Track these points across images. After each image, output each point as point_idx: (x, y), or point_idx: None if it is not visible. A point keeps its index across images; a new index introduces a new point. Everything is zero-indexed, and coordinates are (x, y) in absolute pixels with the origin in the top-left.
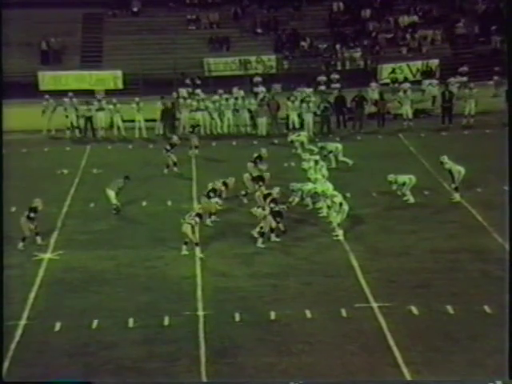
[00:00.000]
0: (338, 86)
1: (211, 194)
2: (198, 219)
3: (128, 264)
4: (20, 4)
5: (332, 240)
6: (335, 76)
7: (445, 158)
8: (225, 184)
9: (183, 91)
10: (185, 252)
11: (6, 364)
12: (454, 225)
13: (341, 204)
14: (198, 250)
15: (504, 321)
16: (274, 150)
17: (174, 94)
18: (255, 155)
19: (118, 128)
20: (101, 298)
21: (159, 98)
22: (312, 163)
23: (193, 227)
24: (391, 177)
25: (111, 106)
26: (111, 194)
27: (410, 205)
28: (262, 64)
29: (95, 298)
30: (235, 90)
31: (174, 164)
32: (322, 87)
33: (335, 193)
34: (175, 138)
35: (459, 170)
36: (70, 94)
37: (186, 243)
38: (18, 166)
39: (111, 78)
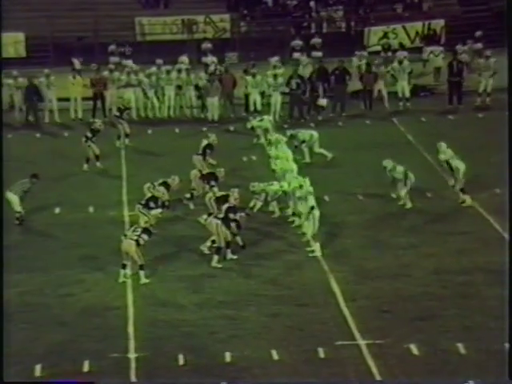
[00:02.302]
0: (320, 54)
1: (151, 204)
2: (146, 237)
3: (36, 292)
4: None
5: (306, 257)
6: (317, 40)
7: (442, 146)
8: (166, 185)
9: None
10: (123, 279)
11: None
12: (465, 237)
13: (312, 208)
14: (142, 274)
15: None
16: (230, 140)
17: (94, 65)
18: (203, 144)
19: (21, 109)
20: None
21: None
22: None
23: (138, 245)
24: (387, 162)
25: (10, 81)
26: (14, 198)
27: (408, 211)
28: (213, 26)
29: None
30: (183, 58)
31: (97, 157)
32: (298, 55)
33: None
34: (98, 123)
35: (457, 165)
36: None
37: (124, 266)
38: None
39: (10, 42)
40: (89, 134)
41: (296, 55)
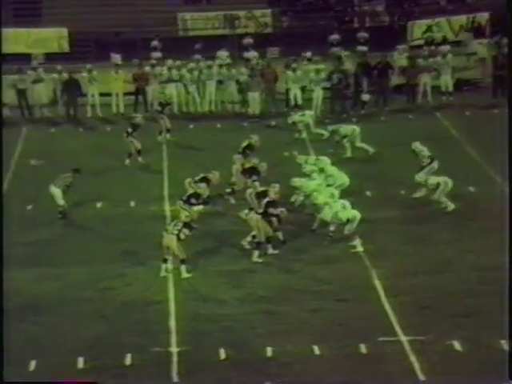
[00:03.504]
0: (365, 48)
1: (193, 200)
2: (187, 231)
3: (77, 285)
4: None
5: (347, 252)
6: (363, 35)
7: (417, 146)
8: (206, 180)
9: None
10: (164, 273)
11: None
12: (507, 233)
13: (348, 220)
14: (183, 268)
15: None
16: (271, 135)
17: (136, 60)
18: (244, 144)
19: (66, 104)
20: (41, 330)
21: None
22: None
23: (179, 240)
24: (420, 177)
25: (55, 75)
26: (57, 192)
27: None
28: (254, 20)
29: (33, 330)
30: (221, 52)
31: (138, 152)
32: (336, 49)
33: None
34: (139, 118)
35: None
36: None
37: (165, 261)
38: None
39: (54, 37)
40: (130, 129)
41: (334, 50)
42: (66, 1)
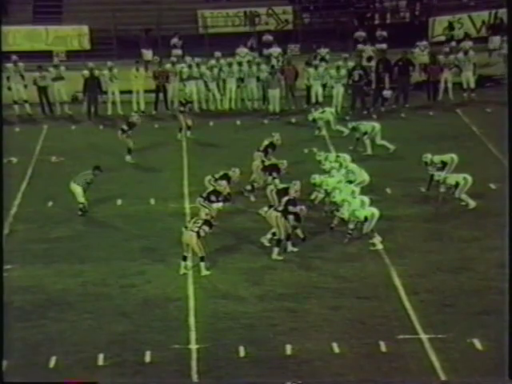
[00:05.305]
0: (384, 46)
1: (212, 198)
2: (207, 229)
3: (98, 282)
4: None
5: (367, 250)
6: (382, 33)
7: (428, 157)
8: (226, 177)
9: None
10: (184, 270)
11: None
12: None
13: (366, 218)
14: (202, 265)
15: None
16: (291, 132)
17: (156, 58)
18: (265, 143)
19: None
20: (61, 327)
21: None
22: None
23: (199, 237)
24: (438, 175)
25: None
26: (78, 190)
27: None
28: (275, 18)
29: (54, 327)
30: (241, 50)
31: (129, 151)
32: (361, 46)
33: (355, 200)
34: (136, 117)
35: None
36: (14, 57)
37: (185, 258)
38: None
39: (75, 35)
40: (125, 127)
41: (360, 47)
42: None
